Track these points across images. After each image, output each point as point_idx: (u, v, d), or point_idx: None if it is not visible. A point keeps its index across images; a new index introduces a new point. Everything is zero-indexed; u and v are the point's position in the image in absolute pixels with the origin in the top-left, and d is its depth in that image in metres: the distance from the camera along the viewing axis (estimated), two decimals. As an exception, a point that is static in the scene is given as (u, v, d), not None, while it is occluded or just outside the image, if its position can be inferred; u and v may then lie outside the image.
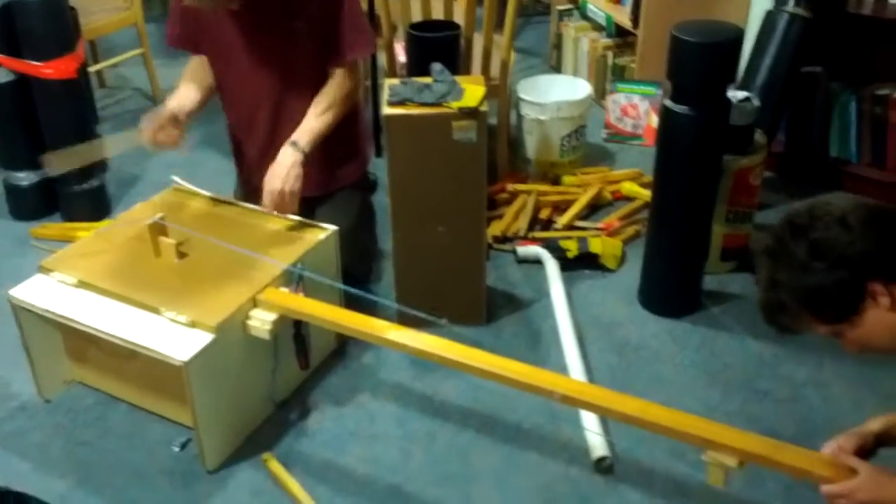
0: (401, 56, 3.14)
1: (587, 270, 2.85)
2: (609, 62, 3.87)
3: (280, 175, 2.34)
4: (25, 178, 3.15)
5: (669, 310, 2.66)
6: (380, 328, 2.05)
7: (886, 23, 3.00)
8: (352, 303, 2.28)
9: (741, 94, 2.67)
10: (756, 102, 2.67)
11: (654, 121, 3.56)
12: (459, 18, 2.99)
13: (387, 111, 2.31)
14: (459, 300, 2.54)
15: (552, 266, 2.81)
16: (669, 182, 2.52)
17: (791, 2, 3.02)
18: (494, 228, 2.99)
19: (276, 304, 2.13)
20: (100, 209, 3.19)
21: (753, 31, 3.13)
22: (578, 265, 2.85)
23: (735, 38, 2.38)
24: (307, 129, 2.40)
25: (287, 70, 2.46)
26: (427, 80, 2.37)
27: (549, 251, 2.85)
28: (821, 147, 3.25)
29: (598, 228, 3.03)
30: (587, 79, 3.82)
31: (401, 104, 2.32)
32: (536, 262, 2.87)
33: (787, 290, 1.51)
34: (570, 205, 3.12)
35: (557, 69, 4.31)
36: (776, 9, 3.07)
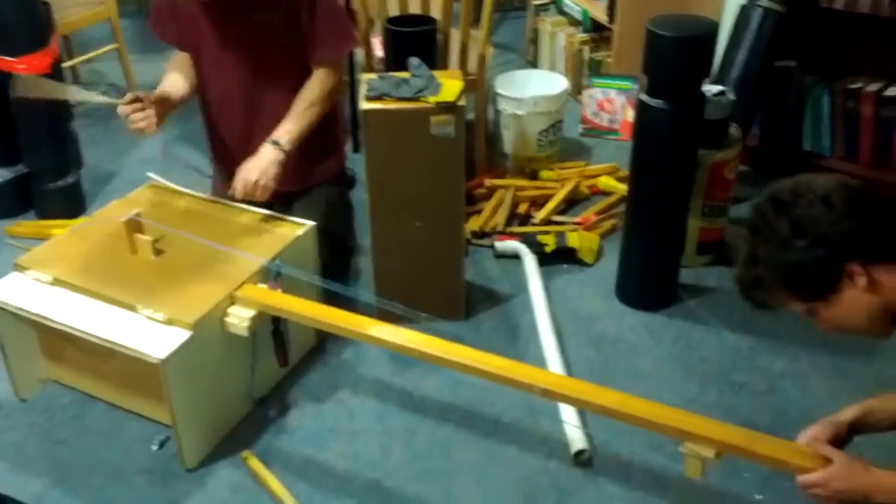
0: (378, 51, 3.13)
1: (565, 265, 2.86)
2: (585, 57, 3.88)
3: (257, 167, 2.33)
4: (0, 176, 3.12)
5: (646, 303, 2.67)
6: (359, 324, 2.05)
7: (858, 17, 3.02)
8: (330, 299, 2.27)
9: (716, 89, 2.69)
10: (731, 96, 2.69)
11: (631, 115, 3.57)
12: (436, 13, 2.99)
13: (364, 106, 2.31)
14: (438, 295, 2.54)
15: (530, 261, 2.82)
16: (645, 176, 2.54)
17: (765, -4, 3.05)
18: (473, 223, 2.99)
19: (254, 301, 2.13)
20: (75, 206, 3.16)
21: (728, 26, 3.15)
22: (556, 259, 2.86)
23: (710, 33, 2.40)
24: (289, 129, 2.38)
25: (261, 64, 2.45)
26: (404, 75, 2.37)
27: (527, 246, 2.86)
28: (794, 141, 3.28)
29: (576, 223, 3.04)
30: (564, 74, 3.83)
31: (378, 99, 2.31)
32: (515, 257, 2.88)
33: (766, 266, 1.51)
34: (548, 200, 3.13)
35: (534, 64, 4.32)
36: (750, 3, 3.08)
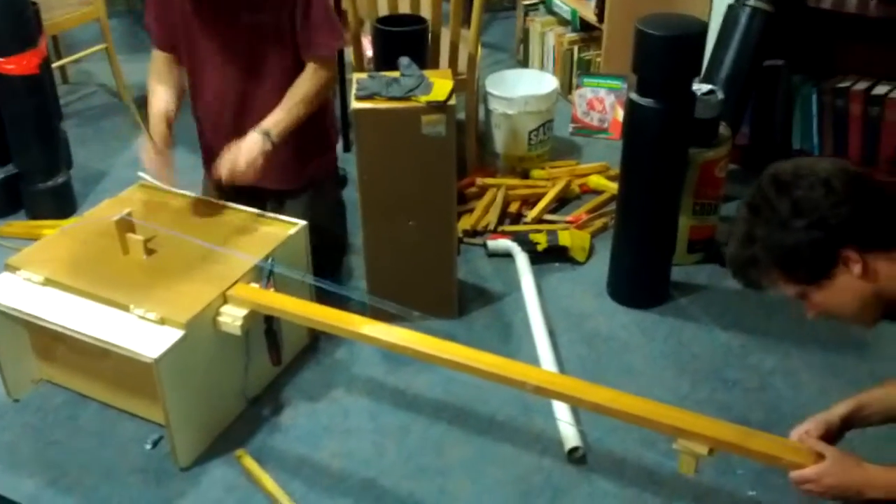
0: (368, 50, 3.14)
1: (557, 263, 2.87)
2: (575, 56, 3.89)
3: (245, 155, 2.30)
4: (-12, 176, 3.10)
5: (638, 301, 2.68)
6: (352, 322, 2.05)
7: (846, 17, 3.04)
8: (323, 298, 2.27)
9: (705, 87, 2.70)
10: (720, 95, 2.71)
11: (621, 114, 3.59)
12: (426, 12, 2.99)
13: (355, 105, 2.31)
14: (431, 294, 2.55)
15: (522, 259, 2.82)
16: (636, 175, 2.55)
17: (753, -4, 3.06)
18: (464, 222, 3.00)
19: (247, 300, 2.12)
20: (65, 207, 3.15)
21: (716, 25, 3.17)
22: (548, 258, 2.87)
23: (699, 32, 2.41)
24: (278, 120, 2.37)
25: (253, 63, 2.45)
26: (395, 75, 2.37)
27: (519, 244, 2.87)
28: (783, 139, 3.30)
29: (567, 221, 3.05)
30: (554, 73, 3.84)
31: (369, 98, 2.31)
32: (507, 256, 2.89)
33: (763, 246, 1.50)
34: (539, 198, 3.14)
35: (524, 64, 4.33)
36: (738, 3, 3.10)
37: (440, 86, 2.32)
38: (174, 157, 2.47)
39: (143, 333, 2.01)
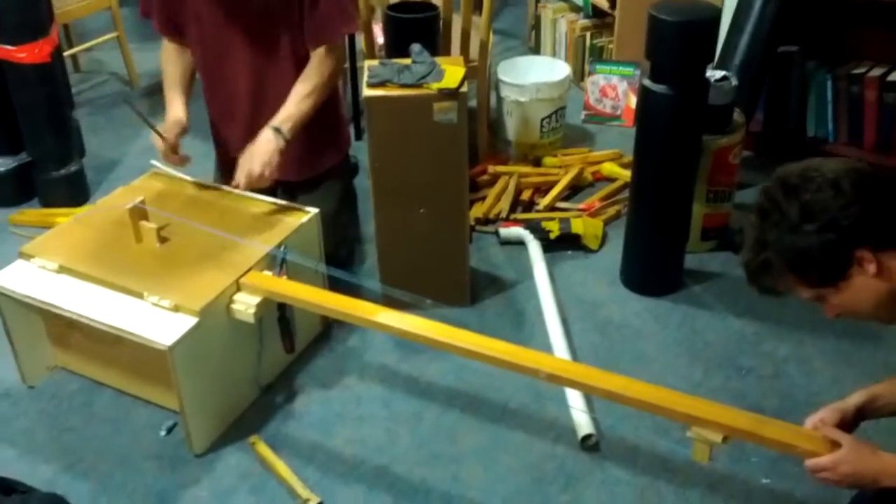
0: (379, 37, 3.13)
1: (569, 251, 2.87)
2: (587, 43, 3.88)
3: (260, 158, 2.32)
4: (2, 164, 3.11)
5: (651, 289, 2.68)
6: (365, 310, 2.05)
7: (861, 2, 3.01)
8: (335, 286, 2.27)
9: (719, 74, 2.68)
10: (734, 82, 2.69)
11: (633, 101, 3.57)
12: (438, -1, 2.98)
13: (367, 93, 2.31)
14: (443, 282, 2.55)
15: (535, 247, 2.82)
16: (649, 162, 2.54)
17: (767, -19, 3.04)
18: (477, 210, 2.99)
19: (260, 288, 2.13)
20: (78, 195, 3.16)
21: (729, 11, 3.15)
22: (561, 246, 2.86)
23: (713, 17, 2.39)
24: (289, 115, 2.37)
25: (265, 50, 2.44)
26: (406, 62, 2.36)
27: (532, 232, 2.86)
28: (798, 126, 3.28)
29: (580, 209, 3.04)
30: (566, 60, 3.82)
31: (381, 86, 2.31)
32: (519, 244, 2.88)
33: (775, 251, 1.49)
34: (552, 186, 3.13)
35: (536, 50, 4.31)
36: (752, -12, 3.08)
37: (452, 73, 2.31)
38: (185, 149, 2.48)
39: (157, 321, 2.02)
